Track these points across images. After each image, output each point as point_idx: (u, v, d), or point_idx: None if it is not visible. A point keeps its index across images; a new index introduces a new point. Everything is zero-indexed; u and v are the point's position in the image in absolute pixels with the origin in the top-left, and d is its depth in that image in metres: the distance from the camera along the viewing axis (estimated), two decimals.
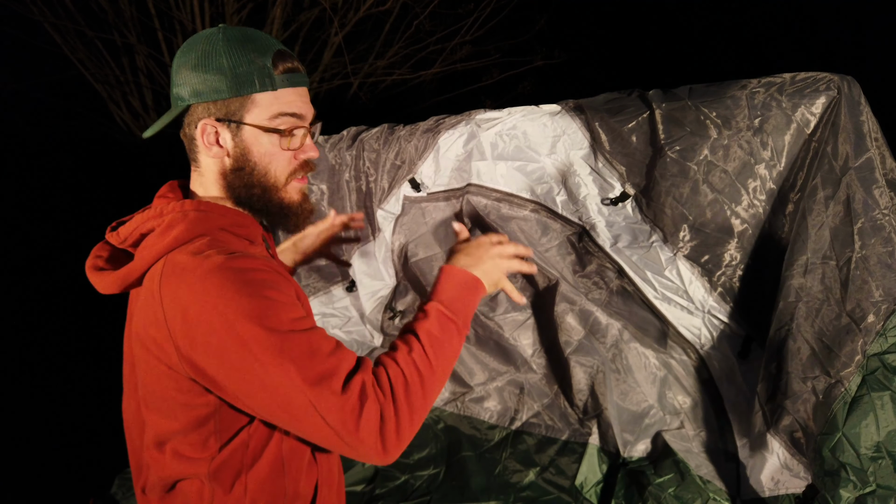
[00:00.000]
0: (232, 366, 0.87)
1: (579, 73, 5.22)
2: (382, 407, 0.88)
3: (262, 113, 0.99)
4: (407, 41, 4.50)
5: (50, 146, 4.62)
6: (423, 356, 0.95)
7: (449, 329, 1.00)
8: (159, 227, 0.97)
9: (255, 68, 0.97)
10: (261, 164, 1.01)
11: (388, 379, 0.91)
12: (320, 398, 0.85)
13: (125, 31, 3.88)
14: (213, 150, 1.01)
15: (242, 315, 0.86)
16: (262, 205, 1.04)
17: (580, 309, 2.30)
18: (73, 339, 3.30)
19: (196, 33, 1.02)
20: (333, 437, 0.87)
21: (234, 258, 0.91)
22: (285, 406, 0.87)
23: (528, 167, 2.35)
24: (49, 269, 3.80)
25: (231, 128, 0.99)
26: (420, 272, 2.52)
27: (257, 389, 0.87)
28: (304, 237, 1.51)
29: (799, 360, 1.78)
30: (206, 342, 0.87)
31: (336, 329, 2.44)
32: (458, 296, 1.03)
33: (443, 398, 2.39)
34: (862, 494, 1.60)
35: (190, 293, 0.88)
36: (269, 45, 1.00)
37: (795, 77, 1.86)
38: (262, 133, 1.00)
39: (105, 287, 1.02)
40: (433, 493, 2.10)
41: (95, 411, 2.60)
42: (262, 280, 0.91)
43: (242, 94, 0.97)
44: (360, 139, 2.28)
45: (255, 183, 1.02)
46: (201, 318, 0.87)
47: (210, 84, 0.97)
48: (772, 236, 2.01)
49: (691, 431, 2.16)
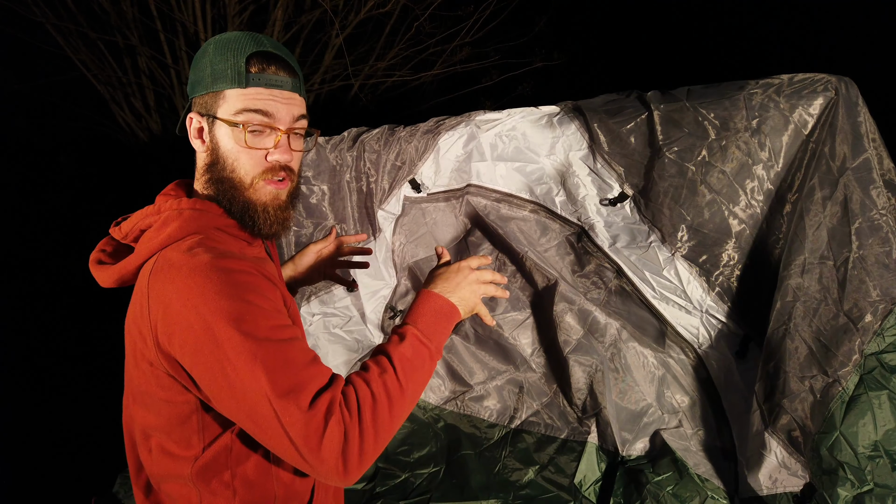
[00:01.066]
0: (205, 365, 0.87)
1: (579, 75, 5.24)
2: (347, 428, 0.87)
3: (229, 108, 1.00)
4: (407, 43, 4.52)
5: (52, 147, 4.63)
6: (394, 379, 0.95)
7: (422, 354, 0.99)
8: (156, 223, 0.99)
9: (229, 65, 0.99)
10: (228, 160, 1.02)
11: (357, 399, 0.90)
12: (286, 411, 0.84)
13: (127, 33, 3.90)
14: (196, 144, 1.05)
15: (220, 316, 0.86)
16: (228, 202, 1.03)
17: (579, 308, 2.31)
18: (74, 338, 3.31)
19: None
20: (294, 452, 0.86)
21: (223, 258, 0.92)
22: (250, 413, 0.86)
23: (527, 168, 2.36)
24: (49, 269, 3.81)
25: (208, 121, 1.03)
26: (420, 272, 2.53)
27: (226, 392, 0.87)
28: (305, 254, 1.48)
29: (797, 359, 1.79)
30: (182, 339, 0.88)
31: (337, 328, 2.45)
32: (433, 321, 1.04)
33: (443, 397, 2.40)
34: (859, 493, 1.60)
35: (174, 289, 0.89)
36: (250, 46, 1.01)
37: (793, 78, 1.87)
38: (228, 127, 1.01)
39: (104, 280, 1.05)
40: (433, 492, 2.11)
41: (97, 410, 2.61)
42: (247, 283, 0.91)
43: (216, 90, 1.00)
44: (361, 140, 2.29)
45: (224, 178, 1.02)
46: (181, 314, 0.88)
47: (197, 79, 1.03)
48: (769, 236, 2.02)
49: (689, 430, 2.16)
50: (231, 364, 0.86)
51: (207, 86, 1.00)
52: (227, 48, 1.00)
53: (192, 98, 1.04)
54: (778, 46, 5.04)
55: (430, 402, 2.40)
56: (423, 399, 2.41)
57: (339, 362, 2.43)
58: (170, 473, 1.00)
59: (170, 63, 4.06)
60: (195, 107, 1.04)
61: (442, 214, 2.50)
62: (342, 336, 2.46)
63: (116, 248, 1.07)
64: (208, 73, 1.00)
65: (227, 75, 0.99)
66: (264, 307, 0.91)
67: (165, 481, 1.01)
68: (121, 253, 1.05)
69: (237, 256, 0.95)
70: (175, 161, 4.02)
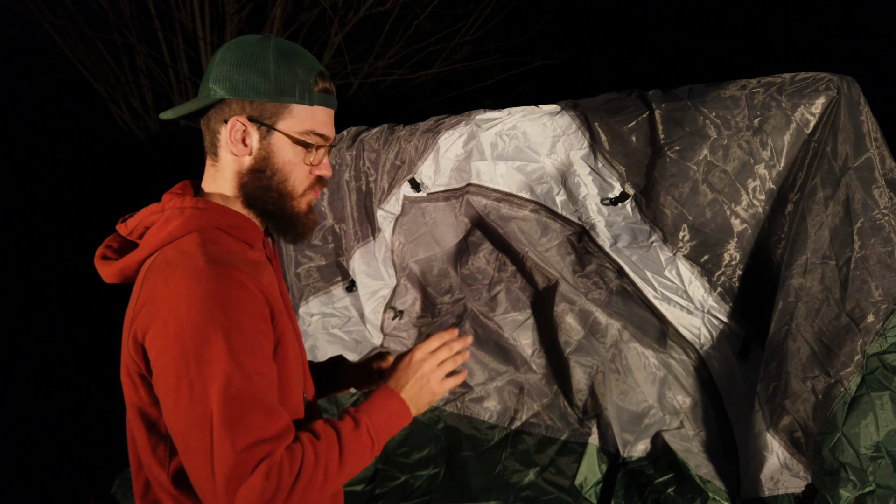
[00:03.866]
0: (165, 367, 0.86)
1: (579, 74, 5.23)
2: (274, 493, 0.84)
3: (295, 124, 1.02)
4: (407, 41, 4.51)
5: (50, 146, 4.62)
6: (337, 458, 0.93)
7: (366, 446, 0.99)
8: (159, 221, 0.99)
9: (297, 80, 1.01)
10: (282, 171, 1.04)
11: (302, 460, 0.88)
12: (222, 444, 0.82)
13: (125, 31, 3.89)
14: (236, 148, 1.02)
15: (197, 325, 0.85)
16: (277, 209, 1.06)
17: (580, 309, 2.30)
18: (74, 338, 3.30)
19: (243, 36, 1.05)
20: (209, 485, 0.83)
21: (221, 265, 0.91)
22: (187, 430, 0.84)
23: (527, 167, 2.35)
24: (49, 268, 3.80)
25: (261, 130, 1.02)
26: (420, 272, 2.52)
27: (172, 401, 0.85)
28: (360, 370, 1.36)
29: (798, 359, 1.78)
30: (154, 334, 0.87)
31: (336, 329, 2.45)
32: (386, 421, 1.03)
33: (443, 398, 2.40)
34: (861, 494, 1.60)
35: (164, 286, 0.89)
36: (314, 63, 1.04)
37: (795, 77, 1.86)
38: (291, 143, 1.03)
39: (107, 276, 1.05)
40: (433, 493, 2.10)
41: (96, 411, 2.60)
42: (236, 297, 0.89)
43: (281, 101, 1.00)
44: (360, 139, 2.28)
45: (273, 187, 1.04)
46: (161, 311, 0.87)
47: (251, 84, 0.99)
48: (771, 236, 2.01)
49: (691, 431, 2.16)
50: (188, 377, 0.84)
51: (268, 94, 1.00)
52: (292, 60, 1.01)
53: (235, 100, 1.00)
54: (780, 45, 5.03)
55: None
56: None
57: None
58: (154, 478, 0.99)
59: (168, 62, 4.05)
60: (242, 111, 1.01)
61: (442, 214, 2.49)
62: (341, 336, 2.45)
63: (122, 244, 1.07)
64: (272, 81, 0.99)
65: (294, 90, 1.00)
66: (246, 327, 0.89)
67: (152, 485, 1.01)
68: (126, 249, 1.05)
69: (236, 265, 0.93)
70: (173, 159, 4.01)
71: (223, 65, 1.00)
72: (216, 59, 1.03)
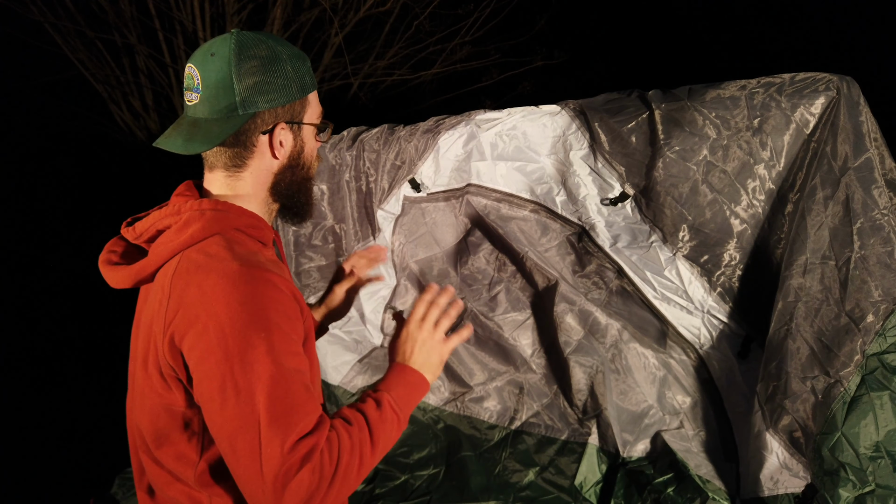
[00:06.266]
0: (207, 372, 0.86)
1: (579, 74, 5.23)
2: (322, 475, 0.86)
3: (313, 112, 1.06)
4: (407, 42, 4.51)
5: (50, 146, 4.62)
6: (368, 441, 0.94)
7: (393, 422, 1.00)
8: (176, 224, 0.98)
9: (305, 71, 1.03)
10: (308, 159, 1.08)
11: (339, 449, 0.89)
12: (270, 444, 0.83)
13: (125, 32, 3.89)
14: (279, 152, 1.03)
15: (238, 329, 0.86)
16: (305, 197, 1.10)
17: (580, 309, 2.30)
18: (74, 338, 3.30)
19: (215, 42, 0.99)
20: (258, 484, 0.84)
21: (252, 268, 0.91)
22: (233, 433, 0.85)
23: (527, 167, 2.36)
24: (49, 269, 3.80)
25: (293, 129, 1.04)
26: (420, 272, 2.52)
27: (218, 405, 0.86)
28: (333, 296, 1.46)
29: (798, 359, 1.78)
30: (194, 341, 0.87)
31: (336, 329, 2.45)
32: (406, 392, 1.04)
33: (442, 398, 2.40)
34: (861, 494, 1.60)
35: (198, 292, 0.89)
36: (294, 46, 1.06)
37: (795, 77, 1.86)
38: (313, 130, 1.07)
39: (118, 282, 1.03)
40: (433, 493, 2.11)
41: (96, 411, 2.60)
42: (272, 299, 0.90)
43: (303, 97, 1.03)
44: (361, 139, 2.28)
45: (304, 177, 1.08)
46: (199, 317, 0.87)
47: (281, 90, 1.00)
48: (771, 236, 2.01)
49: (691, 431, 2.16)
50: (233, 380, 0.85)
51: (294, 95, 1.01)
52: (297, 56, 1.03)
53: (266, 110, 0.98)
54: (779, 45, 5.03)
55: (429, 403, 2.39)
56: (424, 400, 2.41)
57: (338, 363, 2.42)
58: (173, 478, 1.00)
59: (168, 62, 4.05)
60: (275, 118, 1.00)
61: (442, 214, 2.49)
62: (341, 336, 2.45)
63: (126, 248, 1.06)
64: (295, 81, 1.01)
65: (307, 82, 1.03)
66: (284, 328, 0.90)
67: (170, 485, 1.01)
68: (132, 253, 1.04)
69: (264, 263, 0.94)
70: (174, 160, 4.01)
71: (245, 79, 0.96)
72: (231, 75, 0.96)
